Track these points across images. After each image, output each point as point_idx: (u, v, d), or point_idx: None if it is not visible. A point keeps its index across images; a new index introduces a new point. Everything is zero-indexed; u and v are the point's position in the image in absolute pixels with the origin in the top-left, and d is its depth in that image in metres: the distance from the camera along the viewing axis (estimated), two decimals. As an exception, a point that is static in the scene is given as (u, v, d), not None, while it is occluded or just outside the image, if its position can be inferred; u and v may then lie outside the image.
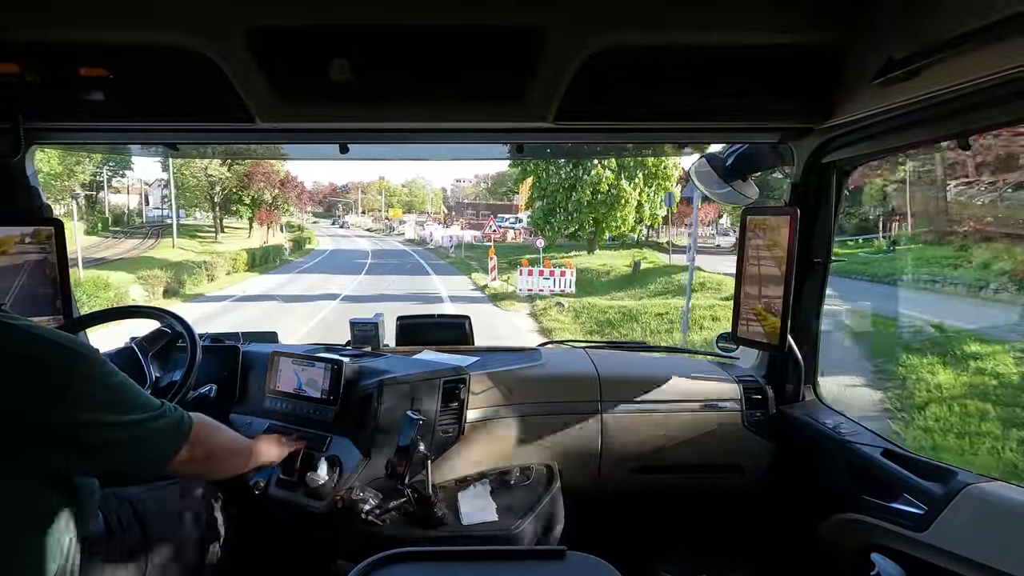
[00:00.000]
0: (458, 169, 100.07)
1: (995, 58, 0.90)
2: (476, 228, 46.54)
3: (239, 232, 37.56)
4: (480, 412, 1.70)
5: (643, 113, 1.36)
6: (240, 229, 38.12)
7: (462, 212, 65.50)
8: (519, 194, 56.03)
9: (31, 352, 0.85)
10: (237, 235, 36.76)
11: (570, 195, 22.41)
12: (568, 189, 22.42)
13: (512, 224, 44.48)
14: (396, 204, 78.04)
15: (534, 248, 29.46)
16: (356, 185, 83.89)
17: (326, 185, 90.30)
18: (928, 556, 1.21)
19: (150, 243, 30.23)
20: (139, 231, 34.17)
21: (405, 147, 1.76)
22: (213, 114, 1.34)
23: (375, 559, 0.99)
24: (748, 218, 1.66)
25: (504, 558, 1.09)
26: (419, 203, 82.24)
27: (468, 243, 33.99)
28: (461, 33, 1.22)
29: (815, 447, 1.61)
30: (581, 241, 25.18)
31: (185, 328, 1.52)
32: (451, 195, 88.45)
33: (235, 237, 35.73)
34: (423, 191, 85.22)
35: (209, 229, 37.64)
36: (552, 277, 14.98)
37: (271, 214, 37.08)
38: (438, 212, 57.99)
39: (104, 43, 1.23)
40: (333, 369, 1.58)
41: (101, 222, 33.10)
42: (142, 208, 43.85)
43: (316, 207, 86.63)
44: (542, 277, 14.96)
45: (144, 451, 0.98)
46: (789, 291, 1.52)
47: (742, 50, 1.26)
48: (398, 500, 1.42)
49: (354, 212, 79.22)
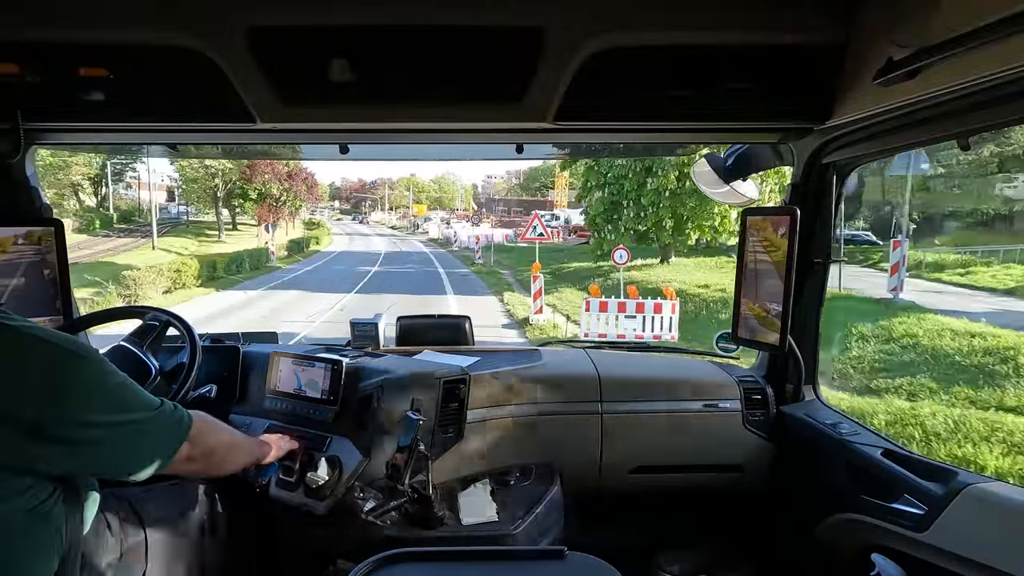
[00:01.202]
0: (489, 165, 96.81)
1: (995, 58, 0.90)
2: (507, 226, 43.13)
3: (254, 229, 34.02)
4: (480, 412, 1.70)
5: (643, 113, 1.36)
6: (255, 226, 34.26)
7: (493, 209, 62.97)
8: (555, 189, 51.41)
9: (30, 352, 0.85)
10: (251, 232, 33.95)
11: (644, 182, 15.50)
12: (641, 174, 15.55)
13: (548, 222, 40.47)
14: (425, 200, 74.46)
15: (576, 251, 24.92)
16: (384, 181, 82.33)
17: (355, 181, 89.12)
18: (928, 556, 1.21)
19: (138, 243, 26.75)
20: (138, 230, 30.55)
21: (405, 147, 1.76)
22: (213, 114, 1.34)
23: (375, 559, 0.99)
24: (748, 218, 1.66)
25: (504, 558, 1.09)
26: (448, 200, 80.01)
27: (499, 243, 29.71)
28: (461, 33, 1.23)
29: (815, 447, 1.61)
30: (652, 246, 18.18)
31: (185, 328, 1.52)
32: (482, 191, 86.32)
33: (247, 235, 33.60)
34: (452, 187, 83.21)
35: (223, 226, 34.65)
36: (640, 314, 8.85)
37: (278, 211, 33.22)
38: (467, 209, 53.94)
39: (104, 43, 1.23)
40: (333, 369, 1.58)
41: (101, 219, 30.66)
42: (167, 204, 41.24)
43: (344, 203, 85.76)
44: (624, 314, 8.91)
45: (145, 450, 0.98)
46: (789, 291, 1.52)
47: (742, 50, 1.26)
48: (398, 500, 1.42)
49: (380, 209, 77.55)
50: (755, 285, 1.63)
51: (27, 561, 0.87)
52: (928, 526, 1.20)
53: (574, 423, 1.78)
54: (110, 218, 32.21)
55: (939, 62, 0.97)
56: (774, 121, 1.41)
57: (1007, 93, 0.98)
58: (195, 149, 1.93)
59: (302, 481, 1.45)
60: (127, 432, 0.94)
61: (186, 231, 33.78)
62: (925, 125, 1.19)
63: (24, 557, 0.86)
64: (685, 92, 1.32)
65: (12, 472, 0.83)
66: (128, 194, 39.38)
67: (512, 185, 76.70)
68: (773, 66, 1.28)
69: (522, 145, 1.64)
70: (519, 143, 1.62)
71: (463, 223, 45.51)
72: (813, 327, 1.76)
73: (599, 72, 1.25)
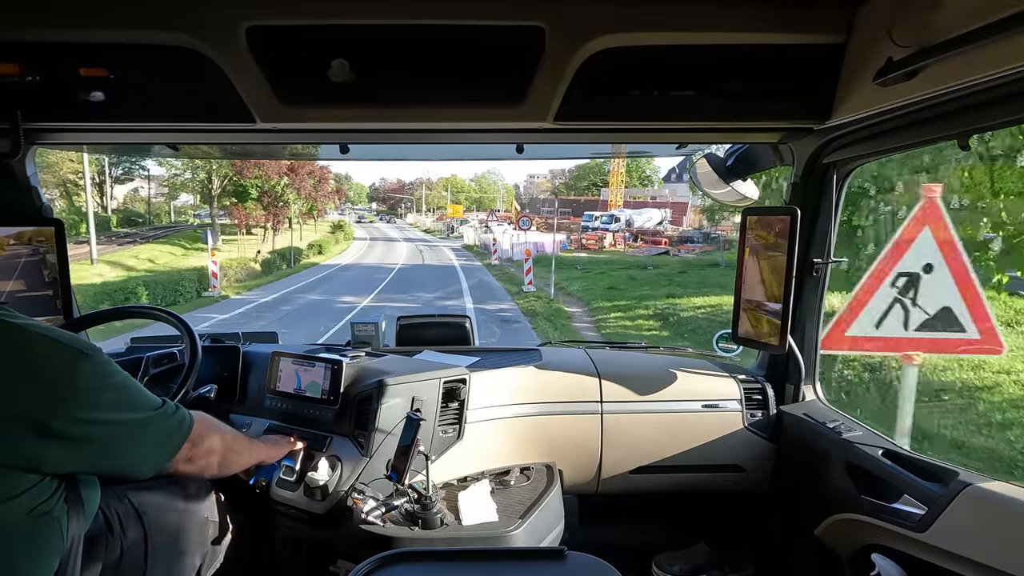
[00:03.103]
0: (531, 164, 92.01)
1: (995, 58, 0.90)
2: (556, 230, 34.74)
3: (282, 233, 29.03)
4: (480, 412, 1.70)
5: (643, 113, 1.36)
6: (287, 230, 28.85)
7: (538, 210, 53.55)
8: (609, 187, 44.33)
9: (33, 350, 0.85)
10: (252, 240, 28.64)
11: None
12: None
13: (605, 224, 33.05)
14: (464, 201, 69.65)
15: (694, 264, 17.00)
16: (422, 181, 78.31)
17: (394, 182, 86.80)
18: (928, 556, 1.21)
19: (110, 249, 22.39)
20: (137, 235, 27.69)
21: (405, 147, 1.77)
22: (213, 114, 1.34)
23: (375, 559, 0.99)
24: (748, 218, 1.66)
25: (504, 558, 1.09)
26: (489, 200, 74.81)
27: (550, 252, 18.93)
28: (461, 33, 1.23)
29: (815, 447, 1.61)
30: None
31: (185, 328, 1.52)
32: (524, 191, 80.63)
33: (254, 239, 28.68)
34: (493, 187, 77.80)
35: (223, 229, 30.21)
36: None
37: (278, 212, 27.87)
38: (508, 210, 43.86)
39: (104, 43, 1.23)
40: (333, 369, 1.58)
41: (99, 221, 26.42)
42: (202, 205, 35.12)
43: (380, 205, 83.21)
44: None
45: (145, 448, 0.98)
46: (789, 291, 1.53)
47: (742, 50, 1.26)
48: (398, 500, 1.42)
49: (414, 211, 73.83)
50: (755, 285, 1.63)
51: (28, 560, 0.87)
52: (928, 526, 1.20)
53: (574, 423, 1.78)
54: (107, 220, 29.25)
55: (939, 62, 0.98)
56: (774, 121, 1.41)
57: (1007, 93, 0.98)
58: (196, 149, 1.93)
59: (302, 481, 1.45)
60: (129, 431, 0.94)
61: (178, 237, 28.22)
62: (925, 125, 1.19)
63: (25, 556, 0.87)
64: (685, 92, 1.32)
65: (14, 471, 0.84)
66: (142, 193, 35.28)
67: (557, 184, 69.34)
68: (773, 66, 1.28)
69: (522, 145, 1.64)
70: (519, 143, 1.62)
71: (504, 226, 34.61)
72: (813, 327, 1.76)
73: (599, 72, 1.25)
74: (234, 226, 30.19)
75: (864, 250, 7.48)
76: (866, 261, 6.29)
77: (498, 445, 1.72)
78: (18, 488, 0.84)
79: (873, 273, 2.09)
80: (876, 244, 7.55)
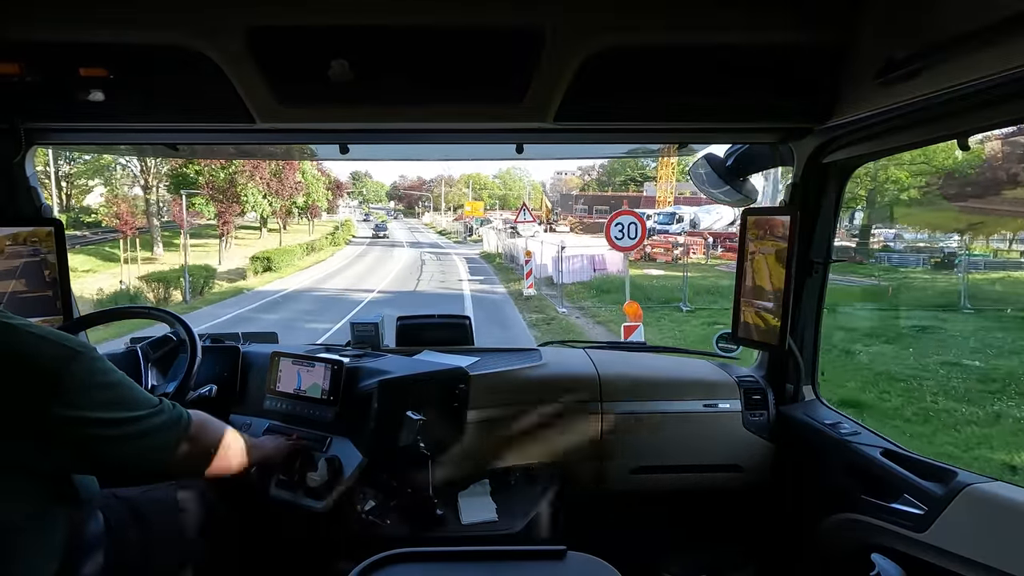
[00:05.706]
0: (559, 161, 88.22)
1: (995, 58, 0.90)
2: (589, 230, 29.45)
3: (272, 235, 24.86)
4: (480, 412, 1.70)
5: (643, 113, 1.36)
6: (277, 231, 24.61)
7: (570, 208, 47.59)
8: (658, 181, 35.08)
9: (29, 351, 0.85)
10: (251, 238, 25.12)
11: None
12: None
13: (664, 224, 25.26)
14: (487, 199, 64.06)
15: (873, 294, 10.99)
16: (443, 178, 72.29)
17: (414, 180, 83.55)
18: (928, 556, 1.21)
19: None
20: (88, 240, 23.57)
21: (405, 147, 1.76)
22: (213, 114, 1.34)
23: (375, 559, 0.99)
24: (748, 218, 1.66)
25: (504, 558, 1.09)
26: (514, 198, 67.09)
27: (607, 275, 15.40)
28: (461, 33, 1.22)
29: (815, 447, 1.61)
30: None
31: (185, 328, 1.52)
32: (551, 188, 72.79)
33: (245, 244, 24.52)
34: (519, 183, 71.61)
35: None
36: None
37: (229, 210, 22.48)
38: (538, 209, 34.53)
39: (104, 43, 1.23)
40: (333, 369, 1.58)
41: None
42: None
43: (398, 203, 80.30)
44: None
45: (143, 448, 0.98)
46: (789, 291, 1.53)
47: (742, 50, 1.26)
48: (398, 500, 1.42)
49: (432, 209, 69.28)
50: (755, 285, 1.63)
51: (28, 561, 0.87)
52: (928, 526, 1.20)
53: (574, 423, 1.78)
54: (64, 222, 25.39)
55: (939, 62, 0.97)
56: (774, 121, 1.41)
57: (1007, 93, 0.98)
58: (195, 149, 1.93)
59: (302, 481, 1.45)
60: (127, 430, 0.94)
61: (103, 246, 22.94)
62: (925, 125, 1.19)
63: (25, 557, 0.87)
64: (685, 92, 1.32)
65: (14, 472, 0.84)
66: (132, 193, 29.36)
67: (589, 180, 63.41)
68: (773, 66, 1.28)
69: (522, 145, 1.64)
70: (519, 143, 1.62)
71: (534, 228, 24.30)
72: (813, 327, 1.76)
73: (599, 72, 1.25)
74: (213, 227, 24.16)
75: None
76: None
77: (498, 445, 1.72)
78: (18, 489, 0.84)
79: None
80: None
